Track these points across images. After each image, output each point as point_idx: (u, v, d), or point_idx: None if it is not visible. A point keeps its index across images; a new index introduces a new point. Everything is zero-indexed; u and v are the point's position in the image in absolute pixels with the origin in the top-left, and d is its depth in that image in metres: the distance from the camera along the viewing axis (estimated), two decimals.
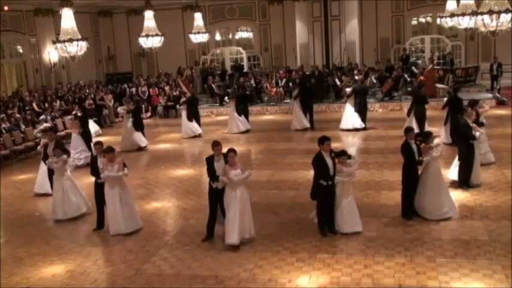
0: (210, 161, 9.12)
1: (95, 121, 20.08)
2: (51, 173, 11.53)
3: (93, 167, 10.09)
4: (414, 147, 9.49)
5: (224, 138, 18.03)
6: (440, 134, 14.76)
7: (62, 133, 19.04)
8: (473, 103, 12.65)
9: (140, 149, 17.09)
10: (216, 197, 9.18)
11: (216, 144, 9.20)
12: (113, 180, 9.67)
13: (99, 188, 9.99)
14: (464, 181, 11.08)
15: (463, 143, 11.13)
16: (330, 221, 9.16)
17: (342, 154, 9.13)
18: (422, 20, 27.82)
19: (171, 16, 27.17)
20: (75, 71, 25.18)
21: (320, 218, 9.20)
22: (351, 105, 17.66)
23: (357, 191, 11.38)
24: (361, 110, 17.54)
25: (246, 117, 19.00)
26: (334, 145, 12.91)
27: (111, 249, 9.30)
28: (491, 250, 8.19)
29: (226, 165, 8.90)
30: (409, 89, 21.74)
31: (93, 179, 10.21)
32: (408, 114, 15.67)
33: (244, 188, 9.03)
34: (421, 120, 15.43)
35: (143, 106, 22.72)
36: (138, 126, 17.32)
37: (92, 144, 15.31)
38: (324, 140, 9.03)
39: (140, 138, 17.12)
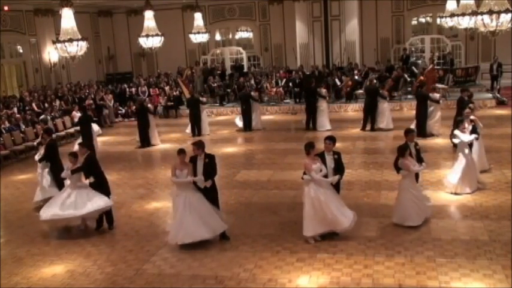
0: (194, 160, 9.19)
1: (95, 121, 20.04)
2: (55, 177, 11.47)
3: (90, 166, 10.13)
4: (413, 150, 9.46)
5: (223, 138, 18.09)
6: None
7: (62, 133, 19.09)
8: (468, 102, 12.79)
9: (141, 147, 17.23)
10: (205, 196, 9.18)
11: (192, 144, 9.34)
12: (184, 186, 9.10)
13: (93, 188, 10.04)
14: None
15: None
16: None
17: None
18: (422, 20, 27.84)
19: (171, 16, 27.18)
20: (75, 71, 25.17)
21: None
22: (326, 106, 18.23)
23: (357, 191, 11.42)
24: (371, 111, 17.51)
25: (249, 116, 18.96)
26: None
27: (111, 249, 9.29)
28: (491, 250, 8.19)
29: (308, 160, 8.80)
30: (409, 88, 21.82)
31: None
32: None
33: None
34: (421, 119, 15.48)
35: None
36: (144, 126, 17.32)
37: (93, 144, 15.37)
38: (324, 140, 9.11)
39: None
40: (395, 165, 9.32)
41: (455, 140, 10.86)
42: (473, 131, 11.01)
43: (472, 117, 11.54)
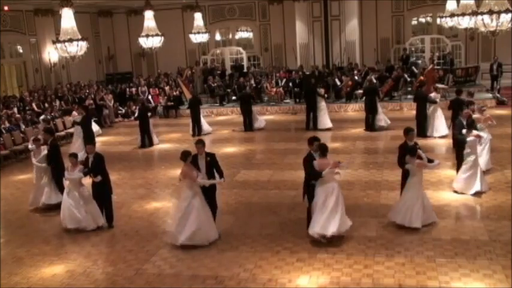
0: (194, 159, 9.15)
1: (95, 121, 20.06)
2: (57, 179, 11.38)
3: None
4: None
5: (223, 138, 18.08)
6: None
7: (62, 133, 19.09)
8: (468, 102, 12.81)
9: (142, 147, 17.23)
10: (204, 194, 9.18)
11: (197, 143, 9.32)
12: (195, 187, 9.04)
13: (95, 187, 10.09)
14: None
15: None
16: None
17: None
18: (422, 20, 27.81)
19: (171, 16, 27.18)
20: (75, 71, 25.20)
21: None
22: (325, 105, 18.31)
23: (357, 191, 11.43)
24: (370, 110, 17.49)
25: (249, 117, 18.95)
26: (334, 145, 12.87)
27: (111, 249, 9.30)
28: (491, 250, 8.20)
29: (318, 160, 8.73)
30: (409, 89, 21.82)
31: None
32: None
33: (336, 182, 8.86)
34: (421, 119, 15.47)
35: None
36: (144, 128, 17.31)
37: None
38: (312, 141, 9.09)
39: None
40: (399, 162, 9.33)
41: (469, 139, 10.81)
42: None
43: (484, 115, 11.73)
